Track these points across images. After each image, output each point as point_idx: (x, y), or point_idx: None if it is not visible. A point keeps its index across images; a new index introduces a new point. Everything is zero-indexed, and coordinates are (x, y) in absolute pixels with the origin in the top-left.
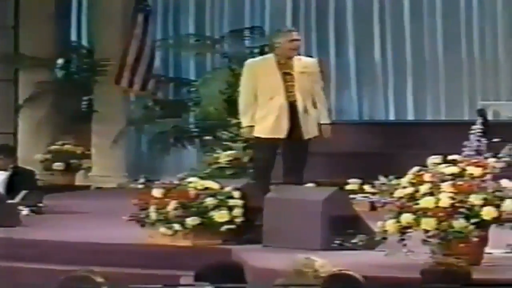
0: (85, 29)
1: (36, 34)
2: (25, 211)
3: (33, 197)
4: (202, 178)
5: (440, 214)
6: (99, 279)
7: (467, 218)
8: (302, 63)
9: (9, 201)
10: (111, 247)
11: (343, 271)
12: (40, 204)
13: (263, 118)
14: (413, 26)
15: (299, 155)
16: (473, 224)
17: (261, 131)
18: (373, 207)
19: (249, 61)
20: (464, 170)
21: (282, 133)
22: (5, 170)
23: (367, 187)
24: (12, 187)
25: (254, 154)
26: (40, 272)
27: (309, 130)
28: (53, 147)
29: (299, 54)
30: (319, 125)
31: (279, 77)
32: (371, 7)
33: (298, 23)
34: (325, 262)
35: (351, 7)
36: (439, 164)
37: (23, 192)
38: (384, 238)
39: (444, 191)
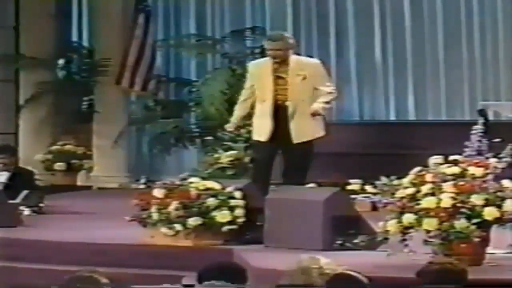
0: (86, 29)
1: (36, 34)
2: (26, 211)
3: (34, 197)
4: (203, 178)
5: (442, 214)
6: (103, 280)
7: (469, 218)
8: (299, 66)
9: (10, 201)
10: (112, 247)
11: (346, 272)
12: (41, 204)
13: (256, 120)
14: (413, 26)
15: (294, 158)
16: (474, 224)
17: (254, 133)
18: (374, 207)
19: (251, 62)
20: (465, 170)
21: (264, 137)
22: (7, 170)
23: (368, 188)
24: (12, 187)
25: (253, 155)
26: (41, 273)
27: (301, 134)
28: (54, 147)
29: (298, 54)
30: (324, 126)
31: (271, 81)
32: (372, 7)
33: (298, 22)
34: (329, 261)
35: (352, 7)
36: (441, 164)
37: (24, 192)
38: (386, 239)
39: (445, 191)
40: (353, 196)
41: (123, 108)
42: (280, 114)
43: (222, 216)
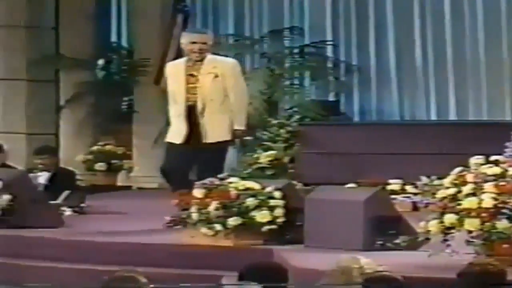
0: (125, 29)
1: (76, 35)
2: (67, 211)
3: (76, 197)
4: (243, 178)
5: (483, 214)
6: (143, 280)
7: (510, 218)
8: (212, 64)
9: (52, 202)
10: (153, 247)
11: (383, 273)
12: (83, 205)
13: (171, 122)
14: (454, 25)
15: (204, 162)
16: None
17: (168, 135)
18: (415, 207)
19: (168, 63)
20: (506, 170)
21: (179, 139)
22: (48, 170)
23: (409, 188)
24: (53, 187)
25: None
26: (82, 273)
27: (211, 134)
28: (94, 147)
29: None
30: (234, 129)
31: (183, 80)
32: (412, 7)
33: (337, 23)
34: (370, 261)
35: (392, 6)
36: (482, 164)
37: (65, 193)
38: (427, 239)
39: (486, 192)
40: (393, 196)
41: (162, 108)
42: (193, 114)
43: (261, 216)
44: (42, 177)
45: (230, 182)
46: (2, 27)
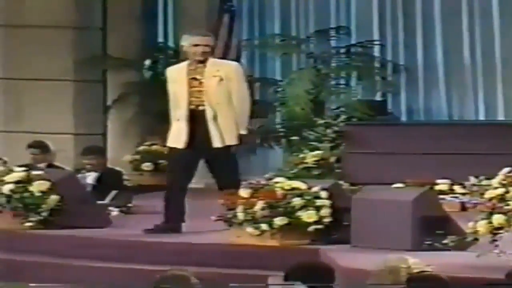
0: (171, 29)
1: (123, 35)
2: (114, 211)
3: (123, 197)
4: (289, 178)
5: None
6: (194, 280)
7: None
8: (216, 67)
9: (99, 202)
10: (198, 247)
11: (426, 272)
12: (130, 205)
13: (172, 126)
14: (502, 24)
15: (220, 165)
16: None
17: (170, 139)
18: (463, 207)
19: (168, 68)
20: None
21: (181, 143)
22: (95, 171)
23: (457, 188)
24: (101, 187)
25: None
26: (131, 272)
27: (223, 137)
28: (141, 147)
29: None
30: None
31: (185, 84)
32: (460, 6)
33: (384, 22)
34: (418, 261)
35: (439, 5)
36: None
37: (113, 193)
38: (476, 239)
39: None
40: (441, 196)
41: None
42: (197, 118)
43: (308, 216)
44: (90, 177)
45: (276, 182)
46: (50, 27)
